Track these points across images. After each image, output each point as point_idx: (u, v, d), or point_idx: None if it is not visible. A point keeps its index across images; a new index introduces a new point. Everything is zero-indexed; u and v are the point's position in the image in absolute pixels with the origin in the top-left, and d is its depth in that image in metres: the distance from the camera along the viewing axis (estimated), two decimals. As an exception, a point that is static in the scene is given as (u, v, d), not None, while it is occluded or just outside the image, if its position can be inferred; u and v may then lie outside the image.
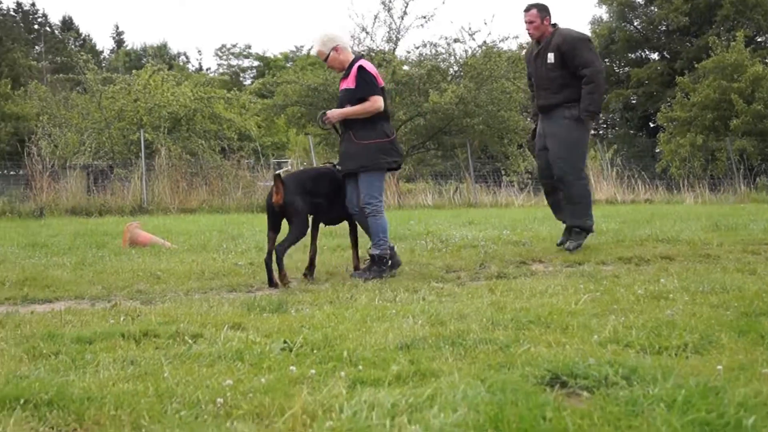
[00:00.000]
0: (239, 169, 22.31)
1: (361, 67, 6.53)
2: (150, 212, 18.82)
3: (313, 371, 3.24)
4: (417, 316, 4.51)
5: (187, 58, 69.20)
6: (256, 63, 58.47)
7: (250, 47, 62.70)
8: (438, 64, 24.99)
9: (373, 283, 6.16)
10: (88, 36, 70.85)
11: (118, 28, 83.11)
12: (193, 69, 59.26)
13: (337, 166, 6.85)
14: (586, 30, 33.66)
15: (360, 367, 3.33)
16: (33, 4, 71.43)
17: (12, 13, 69.74)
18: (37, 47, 65.40)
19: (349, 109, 6.54)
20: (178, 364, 3.44)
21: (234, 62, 60.25)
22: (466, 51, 25.43)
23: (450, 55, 25.74)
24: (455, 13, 69.33)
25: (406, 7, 24.81)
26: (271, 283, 6.25)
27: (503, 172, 25.15)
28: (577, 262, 7.47)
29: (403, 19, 24.81)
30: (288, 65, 50.66)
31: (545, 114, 8.19)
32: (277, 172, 6.64)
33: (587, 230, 8.13)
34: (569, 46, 7.85)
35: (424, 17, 24.79)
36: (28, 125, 32.10)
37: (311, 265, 6.72)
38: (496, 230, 10.84)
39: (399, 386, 3.06)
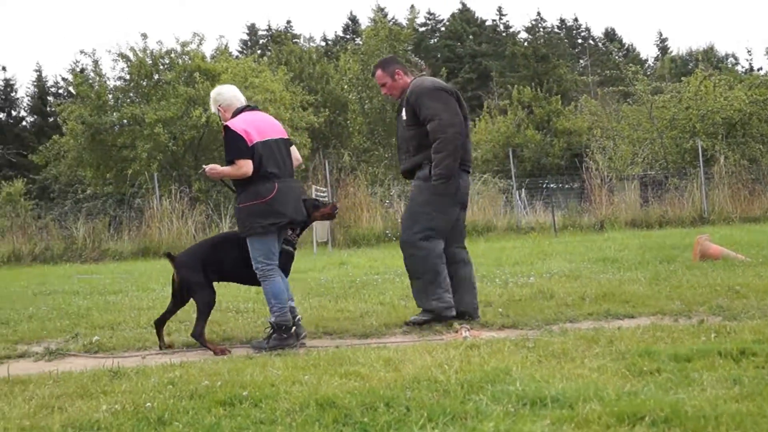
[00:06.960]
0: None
1: (225, 128, 5.97)
2: (711, 222, 18.50)
3: None
4: None
5: (735, 59, 66.60)
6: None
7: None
8: None
9: None
10: (632, 46, 72.31)
11: (661, 35, 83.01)
12: (743, 70, 56.63)
13: None
14: None
15: None
16: (575, 19, 75.14)
17: (556, 29, 74.21)
18: (581, 61, 68.50)
19: (221, 169, 6.03)
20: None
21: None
22: None
23: None
24: None
25: None
26: (161, 347, 6.01)
27: None
28: None
29: None
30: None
31: (410, 180, 6.76)
32: (166, 251, 6.43)
33: (435, 314, 6.21)
34: (415, 99, 6.36)
35: None
36: (579, 139, 33.85)
37: None
38: None
39: None
